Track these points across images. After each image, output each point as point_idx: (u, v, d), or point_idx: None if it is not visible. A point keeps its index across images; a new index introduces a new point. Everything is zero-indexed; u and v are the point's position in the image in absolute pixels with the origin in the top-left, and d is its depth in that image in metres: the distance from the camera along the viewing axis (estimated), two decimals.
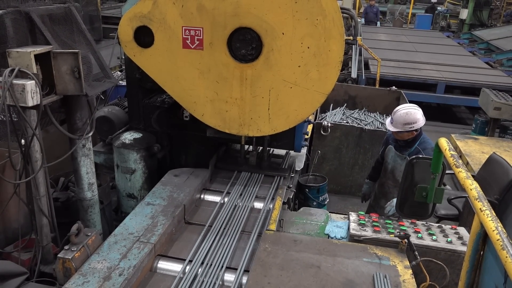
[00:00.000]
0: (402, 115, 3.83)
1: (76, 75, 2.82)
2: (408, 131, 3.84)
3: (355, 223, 3.21)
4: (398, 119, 3.83)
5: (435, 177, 2.11)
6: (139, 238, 2.89)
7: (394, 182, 4.15)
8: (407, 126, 3.82)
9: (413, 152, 3.93)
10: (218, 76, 3.35)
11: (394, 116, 3.87)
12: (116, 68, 7.63)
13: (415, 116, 3.83)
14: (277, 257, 2.78)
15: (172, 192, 3.52)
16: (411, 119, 3.82)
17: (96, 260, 2.66)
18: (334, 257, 2.81)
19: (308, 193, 4.72)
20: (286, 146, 4.11)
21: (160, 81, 3.49)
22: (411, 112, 3.83)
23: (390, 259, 2.82)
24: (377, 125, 6.62)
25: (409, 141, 3.97)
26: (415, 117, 3.83)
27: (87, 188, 3.33)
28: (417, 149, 3.92)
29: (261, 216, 3.36)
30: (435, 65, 11.09)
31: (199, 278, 2.67)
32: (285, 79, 3.28)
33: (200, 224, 3.32)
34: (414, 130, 3.85)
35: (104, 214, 3.87)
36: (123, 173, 3.96)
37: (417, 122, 3.83)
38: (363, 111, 7.36)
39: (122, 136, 4.00)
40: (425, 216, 2.81)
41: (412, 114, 3.82)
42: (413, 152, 3.94)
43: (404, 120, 3.83)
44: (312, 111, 3.54)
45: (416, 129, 3.86)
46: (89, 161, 3.29)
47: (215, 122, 3.53)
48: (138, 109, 4.15)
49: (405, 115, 3.82)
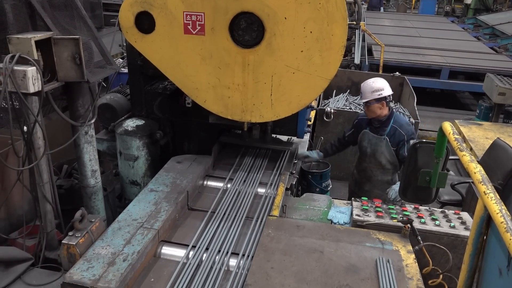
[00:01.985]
0: (369, 83, 3.93)
1: (77, 61, 2.80)
2: (377, 98, 3.90)
3: (358, 208, 3.21)
4: (366, 88, 3.92)
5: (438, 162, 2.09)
6: (142, 224, 2.90)
7: (377, 164, 4.18)
8: (376, 93, 3.89)
9: (390, 131, 4.00)
10: (220, 62, 3.33)
11: (362, 88, 3.97)
12: (118, 56, 7.59)
13: (382, 83, 3.93)
14: (280, 243, 2.79)
15: (175, 178, 3.53)
16: (378, 86, 3.90)
17: (100, 245, 2.68)
18: (337, 242, 2.82)
19: (311, 179, 4.71)
20: (289, 132, 4.11)
21: (161, 67, 3.47)
22: (377, 80, 3.93)
23: (393, 244, 2.83)
24: None
25: (383, 121, 4.01)
26: (381, 84, 3.92)
27: (90, 175, 3.34)
28: (393, 127, 3.99)
29: (269, 200, 3.37)
30: (439, 51, 10.99)
31: (204, 263, 2.68)
32: (288, 64, 3.25)
33: (203, 210, 3.33)
34: (383, 98, 3.90)
35: (108, 201, 3.89)
36: (126, 160, 3.96)
37: (384, 89, 3.91)
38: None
39: (124, 123, 4.00)
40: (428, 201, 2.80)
41: (378, 82, 3.93)
42: (390, 131, 4.00)
43: (371, 88, 3.91)
44: (315, 97, 3.52)
45: (386, 98, 3.91)
46: (92, 148, 3.29)
47: (218, 108, 3.52)
48: (140, 96, 4.14)
49: (372, 83, 3.92)
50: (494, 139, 4.50)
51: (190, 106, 3.82)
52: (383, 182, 4.16)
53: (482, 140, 5.80)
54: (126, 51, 4.49)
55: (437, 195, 2.67)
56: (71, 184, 3.89)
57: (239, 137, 4.17)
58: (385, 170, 4.13)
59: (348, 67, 9.17)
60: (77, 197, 3.57)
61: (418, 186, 2.22)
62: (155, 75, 3.95)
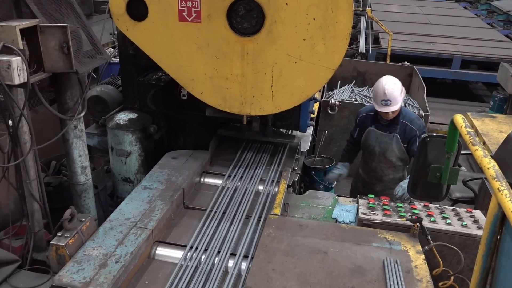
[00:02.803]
0: (394, 87, 3.76)
1: (65, 51, 2.79)
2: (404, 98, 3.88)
3: (364, 206, 3.21)
4: (394, 93, 3.74)
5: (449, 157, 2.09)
6: (136, 224, 2.90)
7: (387, 163, 4.15)
8: (403, 92, 3.84)
9: (402, 128, 3.95)
10: (217, 51, 3.32)
11: (389, 95, 3.75)
12: (109, 45, 7.58)
13: (396, 79, 3.85)
14: (282, 243, 2.79)
15: (170, 175, 3.53)
16: (399, 84, 3.83)
17: (91, 246, 2.68)
18: (342, 242, 2.82)
19: (315, 175, 4.72)
20: (291, 126, 4.10)
21: (155, 57, 3.46)
22: (393, 79, 3.84)
23: (401, 244, 2.83)
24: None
25: (391, 119, 3.95)
26: (398, 81, 3.84)
27: (80, 172, 3.34)
28: (403, 124, 3.95)
29: (270, 198, 3.37)
30: (451, 39, 10.95)
31: (203, 265, 2.69)
32: (289, 53, 3.24)
33: (200, 209, 3.34)
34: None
35: (99, 199, 3.90)
36: (118, 156, 3.96)
37: (402, 93, 3.85)
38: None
39: (116, 116, 4.00)
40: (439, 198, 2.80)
41: (395, 80, 3.84)
42: (401, 128, 3.95)
43: (398, 90, 3.78)
44: (318, 88, 3.51)
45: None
46: (82, 143, 3.29)
47: (215, 100, 3.52)
48: (132, 87, 4.13)
49: (394, 84, 3.78)
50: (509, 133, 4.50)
51: (185, 98, 3.81)
52: (395, 180, 4.14)
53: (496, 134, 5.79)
54: (117, 39, 4.47)
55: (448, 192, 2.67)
56: (60, 181, 3.89)
57: (238, 131, 4.17)
58: (396, 167, 4.12)
59: (353, 56, 9.15)
60: (66, 195, 3.57)
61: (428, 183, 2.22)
62: (148, 65, 3.94)
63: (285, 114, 3.77)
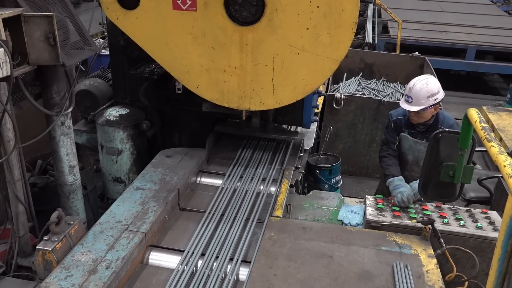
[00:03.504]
0: (422, 87, 3.58)
1: (51, 42, 2.79)
2: (433, 104, 3.59)
3: (372, 207, 3.22)
4: (419, 93, 3.54)
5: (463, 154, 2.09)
6: (127, 227, 2.91)
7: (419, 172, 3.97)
8: (432, 98, 3.56)
9: None
10: (214, 42, 3.31)
11: (413, 92, 3.57)
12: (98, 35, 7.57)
13: (436, 83, 3.60)
14: (284, 247, 2.80)
15: (164, 175, 3.53)
16: (433, 89, 3.57)
17: (80, 251, 2.68)
18: (348, 246, 2.83)
19: (319, 174, 4.73)
20: (294, 122, 4.10)
21: (148, 48, 3.46)
22: (431, 81, 3.61)
23: (411, 247, 2.84)
24: (398, 96, 6.57)
25: (430, 123, 3.74)
26: (436, 85, 3.60)
27: (68, 171, 3.34)
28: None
29: (271, 199, 3.37)
30: (465, 27, 10.94)
31: (200, 271, 2.69)
32: (291, 44, 3.24)
33: (196, 211, 3.34)
34: (438, 102, 3.62)
35: (88, 201, 3.90)
36: (109, 155, 3.96)
37: (440, 91, 3.61)
38: (382, 81, 7.29)
39: (106, 112, 4.00)
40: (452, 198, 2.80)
41: (432, 83, 3.60)
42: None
43: (427, 92, 3.56)
44: (322, 81, 3.50)
45: (440, 101, 3.66)
46: (69, 141, 3.29)
47: (212, 94, 3.52)
48: (123, 81, 4.12)
49: (426, 85, 3.57)
50: None
51: (180, 92, 3.81)
52: None
53: None
54: (107, 30, 4.47)
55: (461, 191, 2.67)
56: (46, 181, 3.89)
57: (236, 127, 4.17)
58: None
59: (360, 47, 9.13)
60: (53, 197, 3.57)
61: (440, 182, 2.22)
62: (140, 57, 3.93)
63: (287, 109, 3.76)
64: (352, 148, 6.20)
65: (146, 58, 3.64)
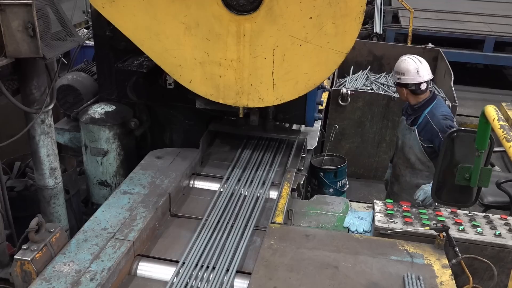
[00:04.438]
0: (397, 62, 4.01)
1: (31, 32, 2.79)
2: (396, 82, 4.03)
3: (381, 213, 3.22)
4: (408, 65, 3.94)
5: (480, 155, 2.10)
6: (114, 235, 2.91)
7: (404, 161, 4.16)
8: (396, 75, 3.98)
9: (422, 122, 3.95)
10: (208, 32, 3.31)
11: (402, 63, 3.99)
12: (82, 25, 7.57)
13: (407, 66, 3.92)
14: (285, 256, 2.80)
15: (154, 178, 3.53)
16: (401, 68, 3.94)
17: (62, 262, 2.68)
18: (355, 256, 2.83)
19: (323, 177, 4.74)
20: (296, 120, 4.11)
21: (136, 39, 3.45)
22: (406, 61, 3.95)
23: (424, 257, 2.84)
24: None
25: (416, 108, 4.00)
26: (406, 67, 3.92)
27: (48, 174, 3.34)
28: (426, 119, 3.94)
29: (271, 204, 3.37)
30: (483, 16, 10.94)
31: (193, 283, 2.69)
32: (293, 34, 3.24)
33: (190, 217, 3.34)
34: (403, 85, 3.94)
35: (71, 206, 3.90)
36: (93, 156, 3.96)
37: (406, 75, 3.92)
38: (392, 75, 7.30)
39: (90, 109, 3.99)
40: (468, 203, 2.82)
41: (405, 63, 3.95)
42: (422, 122, 3.95)
43: (396, 67, 4.00)
44: (327, 75, 3.51)
45: (407, 85, 3.92)
46: (50, 140, 3.29)
47: (206, 90, 3.51)
48: (109, 75, 4.12)
49: (400, 62, 3.98)
50: None
51: (172, 87, 3.81)
52: (411, 185, 4.12)
53: None
54: (91, 19, 4.46)
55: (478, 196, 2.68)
56: (25, 185, 3.89)
57: (233, 125, 4.17)
58: (415, 170, 4.08)
59: (368, 38, 9.15)
60: (32, 202, 3.57)
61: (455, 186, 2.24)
62: (128, 49, 3.93)
63: (289, 106, 3.76)
64: (359, 149, 6.21)
65: (134, 50, 3.64)
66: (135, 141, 4.17)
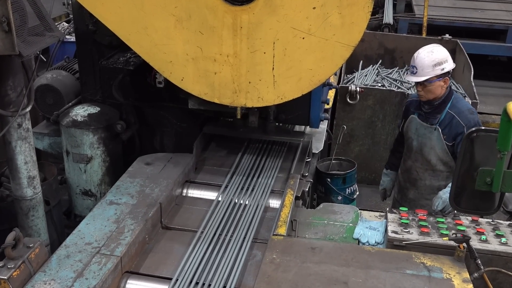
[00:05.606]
0: (427, 54, 3.86)
1: (5, 27, 2.79)
2: (439, 75, 3.84)
3: (395, 222, 3.22)
4: (424, 61, 3.84)
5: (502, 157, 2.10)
6: (99, 250, 2.91)
7: (424, 164, 4.15)
8: (438, 68, 3.83)
9: (445, 119, 3.95)
10: (202, 25, 3.32)
11: (417, 60, 3.89)
12: (62, 18, 7.59)
13: (443, 51, 3.88)
14: (289, 271, 2.80)
15: (144, 186, 3.54)
16: (440, 57, 3.84)
17: (42, 280, 2.68)
18: (366, 270, 2.83)
19: (331, 183, 4.73)
20: (299, 121, 4.11)
21: (122, 33, 3.46)
22: (437, 49, 3.89)
23: (443, 270, 2.84)
24: None
25: (436, 104, 3.98)
26: (443, 54, 3.87)
27: (26, 183, 3.34)
28: (449, 114, 3.94)
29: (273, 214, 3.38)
30: (505, 4, 10.97)
31: None
32: (295, 26, 3.25)
33: (183, 229, 3.35)
34: (447, 73, 3.87)
35: (52, 219, 3.89)
36: (76, 163, 3.96)
37: (448, 61, 3.87)
38: (405, 69, 7.32)
39: (72, 111, 4.00)
40: (490, 210, 2.82)
41: (439, 50, 3.88)
42: (444, 119, 3.95)
43: (432, 60, 3.84)
44: (333, 71, 3.52)
45: (449, 72, 3.88)
46: (28, 146, 3.29)
47: (200, 88, 3.52)
48: (93, 73, 4.13)
49: (431, 53, 3.86)
50: None
51: (162, 86, 3.82)
52: (432, 189, 4.12)
53: None
54: (72, 12, 4.47)
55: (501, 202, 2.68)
56: (1, 195, 3.89)
57: (230, 127, 4.17)
58: (436, 172, 4.10)
59: (379, 29, 9.16)
60: (9, 214, 3.57)
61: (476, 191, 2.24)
62: (113, 45, 3.94)
63: (291, 105, 3.77)
64: (370, 152, 6.21)
65: (120, 45, 3.66)
66: (122, 146, 4.18)
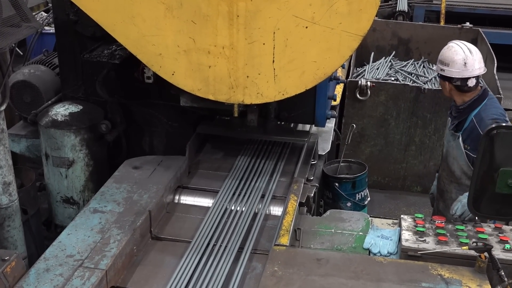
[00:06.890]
0: (446, 47, 3.94)
1: None
2: (440, 75, 3.95)
3: (410, 231, 3.22)
4: (454, 54, 3.88)
5: None
6: (82, 263, 2.92)
7: (449, 174, 4.13)
8: (439, 66, 3.93)
9: (468, 127, 3.89)
10: (194, 14, 3.33)
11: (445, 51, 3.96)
12: (40, 7, 7.58)
13: (453, 55, 3.83)
14: (292, 285, 2.80)
15: (131, 192, 3.55)
16: (445, 57, 3.87)
17: None
18: (378, 283, 2.83)
19: (339, 188, 4.74)
20: (303, 119, 4.11)
21: (106, 23, 3.47)
22: (453, 48, 3.88)
23: (462, 283, 2.84)
24: None
25: (462, 109, 3.93)
26: (451, 57, 3.83)
27: (1, 190, 3.35)
28: (472, 123, 3.87)
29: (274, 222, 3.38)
30: None
31: None
32: (297, 14, 3.26)
33: (175, 240, 3.36)
34: (446, 78, 3.88)
35: (29, 229, 3.90)
36: (56, 167, 3.97)
37: (450, 66, 3.83)
38: (421, 61, 7.32)
39: (52, 110, 4.01)
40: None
41: (451, 51, 3.86)
42: (467, 127, 3.89)
43: (440, 56, 3.95)
44: (340, 63, 3.52)
45: (451, 79, 3.86)
46: (3, 149, 3.30)
47: (193, 84, 3.53)
48: (74, 68, 4.14)
49: (445, 48, 3.92)
50: None
51: (151, 82, 3.83)
52: None
53: None
54: (51, 0, 4.49)
55: None
56: None
57: (227, 127, 4.18)
58: (461, 186, 3.99)
59: (392, 17, 9.16)
60: None
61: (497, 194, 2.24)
62: (96, 36, 3.95)
63: (294, 102, 3.78)
64: (383, 153, 6.21)
65: (104, 37, 3.66)
66: (107, 148, 4.18)
